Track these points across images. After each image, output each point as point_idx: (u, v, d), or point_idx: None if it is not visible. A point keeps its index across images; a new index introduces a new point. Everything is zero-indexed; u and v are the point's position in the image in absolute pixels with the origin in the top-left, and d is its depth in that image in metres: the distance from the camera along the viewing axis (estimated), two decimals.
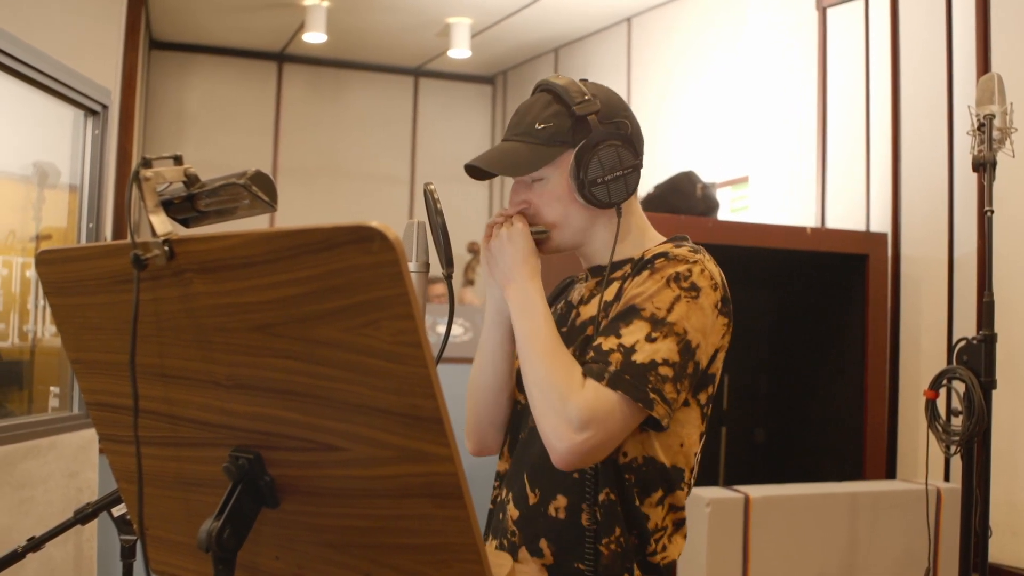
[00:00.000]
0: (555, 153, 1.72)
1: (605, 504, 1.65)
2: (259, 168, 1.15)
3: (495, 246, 1.73)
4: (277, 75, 9.15)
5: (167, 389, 1.19)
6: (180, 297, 1.12)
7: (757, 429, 4.28)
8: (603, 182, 1.70)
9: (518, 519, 1.73)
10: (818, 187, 4.52)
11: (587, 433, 1.53)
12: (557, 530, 1.68)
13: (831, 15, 4.54)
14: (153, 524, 1.31)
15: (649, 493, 1.67)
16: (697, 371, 1.63)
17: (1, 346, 3.46)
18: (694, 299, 1.62)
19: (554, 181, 1.73)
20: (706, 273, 1.65)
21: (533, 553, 1.69)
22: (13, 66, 2.76)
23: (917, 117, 4.07)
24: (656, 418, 1.57)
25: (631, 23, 7.34)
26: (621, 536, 1.64)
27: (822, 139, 4.53)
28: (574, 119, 1.72)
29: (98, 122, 3.28)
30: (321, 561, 1.15)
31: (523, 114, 1.76)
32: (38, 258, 1.30)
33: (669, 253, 1.67)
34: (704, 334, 1.63)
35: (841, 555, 3.27)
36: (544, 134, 1.72)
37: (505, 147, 1.75)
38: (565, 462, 1.56)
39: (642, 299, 1.62)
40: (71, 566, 2.97)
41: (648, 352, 1.57)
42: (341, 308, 0.98)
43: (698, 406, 1.70)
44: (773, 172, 4.87)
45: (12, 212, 3.47)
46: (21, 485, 2.73)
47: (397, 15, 7.68)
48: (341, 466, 1.07)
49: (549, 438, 1.57)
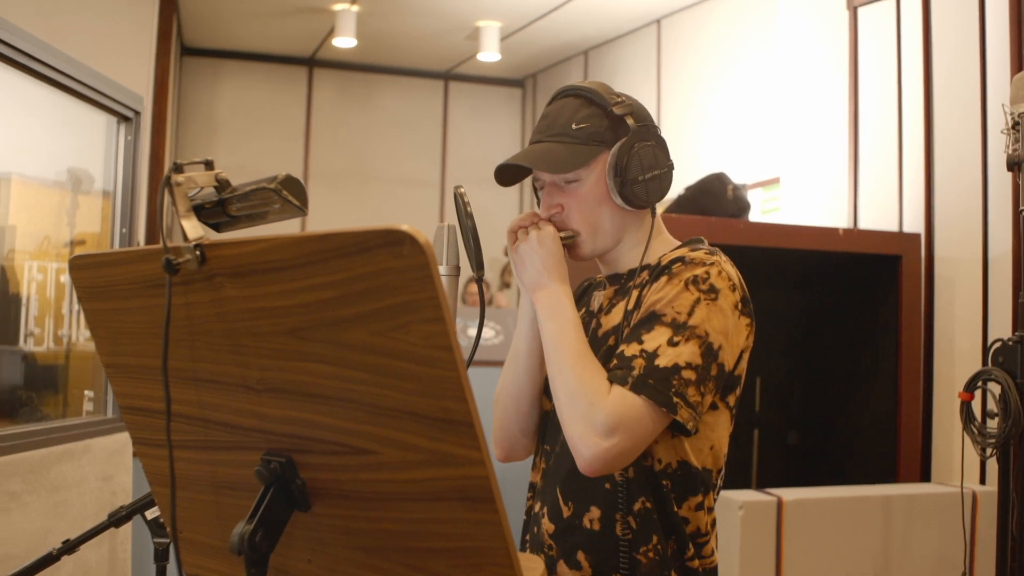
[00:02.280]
0: (594, 152, 1.71)
1: (641, 513, 1.64)
2: (289, 173, 1.16)
3: (524, 250, 1.72)
4: (307, 80, 9.19)
5: (199, 393, 1.20)
6: (212, 301, 1.12)
7: (790, 431, 4.25)
8: (643, 181, 1.70)
9: (554, 533, 1.72)
10: (850, 187, 4.48)
11: (614, 439, 1.53)
12: (593, 542, 1.68)
13: (862, 14, 4.50)
14: (186, 527, 1.32)
15: (687, 497, 1.66)
16: (722, 373, 1.62)
17: (36, 350, 3.50)
18: (713, 301, 1.61)
19: (590, 183, 1.72)
20: (724, 275, 1.65)
21: (571, 566, 1.69)
22: (48, 74, 2.79)
23: (950, 116, 4.04)
24: (681, 422, 1.56)
25: (660, 25, 7.32)
26: (659, 544, 1.64)
27: (854, 139, 4.50)
28: (611, 119, 1.71)
29: (131, 128, 3.31)
30: (352, 564, 1.15)
31: (554, 117, 1.75)
32: (71, 263, 1.30)
33: (686, 257, 1.66)
34: (726, 336, 1.62)
35: (875, 559, 3.25)
36: (582, 134, 1.71)
37: (542, 147, 1.73)
38: (591, 468, 1.56)
39: (662, 304, 1.61)
40: (105, 568, 2.99)
41: (671, 356, 1.56)
42: (371, 312, 0.98)
43: (727, 408, 1.69)
44: (805, 173, 4.84)
45: (47, 218, 3.51)
46: (56, 488, 2.75)
47: (426, 19, 7.70)
48: (372, 470, 1.07)
49: (576, 444, 1.57)
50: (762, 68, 6.03)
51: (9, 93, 3.04)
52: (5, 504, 2.53)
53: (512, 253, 1.75)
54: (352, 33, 7.62)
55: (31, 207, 3.56)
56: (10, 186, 3.50)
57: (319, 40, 8.42)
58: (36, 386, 3.54)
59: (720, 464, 1.71)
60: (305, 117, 9.18)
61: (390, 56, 8.96)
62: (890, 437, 3.91)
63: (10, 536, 2.54)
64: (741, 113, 6.27)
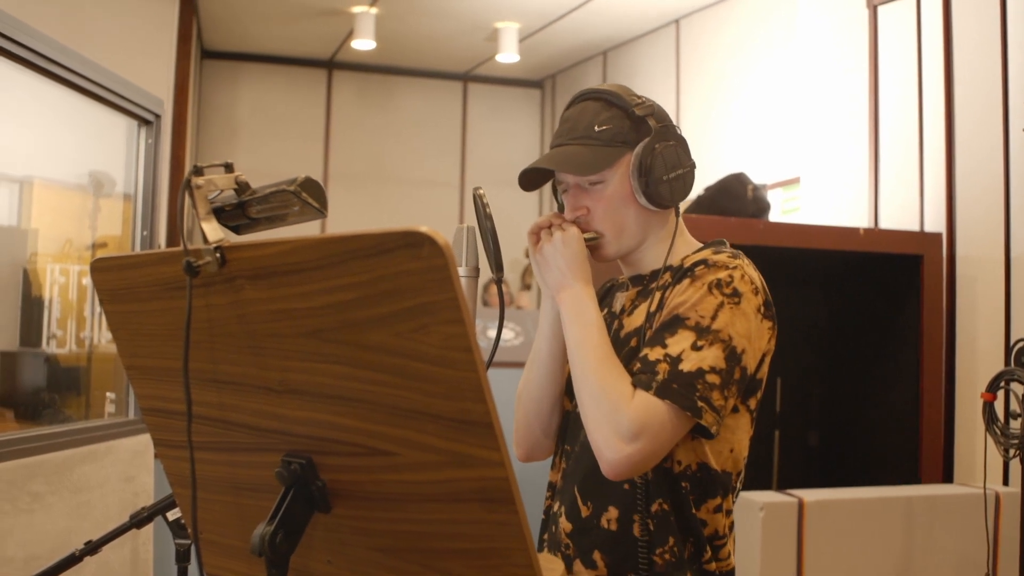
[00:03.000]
0: (618, 154, 1.71)
1: (658, 514, 1.64)
2: (309, 175, 1.16)
3: (548, 251, 1.72)
4: (327, 82, 9.22)
5: (220, 395, 1.20)
6: (232, 303, 1.13)
7: (811, 432, 4.23)
8: (667, 180, 1.70)
9: (571, 532, 1.72)
10: (871, 187, 4.46)
11: (638, 444, 1.53)
12: (610, 542, 1.67)
13: (882, 13, 4.48)
14: (207, 528, 1.33)
15: (706, 500, 1.66)
16: (745, 377, 1.62)
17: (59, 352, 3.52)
18: (737, 305, 1.61)
19: (614, 184, 1.72)
20: (746, 278, 1.64)
21: (587, 565, 1.69)
22: (70, 78, 2.81)
23: (971, 114, 4.01)
24: (705, 426, 1.56)
25: (679, 25, 7.31)
26: (675, 546, 1.64)
27: (874, 138, 4.48)
28: (632, 120, 1.71)
29: (151, 131, 3.32)
30: (372, 565, 1.15)
31: (575, 120, 1.74)
32: (93, 266, 1.31)
33: (708, 260, 1.66)
34: (749, 339, 1.62)
35: (897, 560, 3.23)
36: (605, 135, 1.71)
37: (565, 150, 1.73)
38: (615, 472, 1.56)
39: (685, 308, 1.61)
40: (127, 569, 3.01)
41: (695, 360, 1.56)
42: (391, 313, 0.99)
43: (748, 412, 1.69)
44: (825, 173, 4.82)
45: (69, 221, 3.53)
46: (79, 489, 2.77)
47: (445, 21, 7.71)
48: (392, 471, 1.07)
49: (600, 448, 1.57)
50: (782, 67, 6.02)
51: (32, 97, 3.06)
52: (28, 505, 2.55)
53: (535, 254, 1.75)
54: (371, 35, 7.64)
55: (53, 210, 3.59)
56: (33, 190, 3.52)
57: (338, 42, 8.45)
58: (59, 388, 3.56)
59: (740, 467, 1.71)
60: (324, 119, 9.21)
61: (409, 58, 8.98)
62: (912, 438, 3.89)
63: (33, 537, 2.56)
64: (761, 113, 6.25)
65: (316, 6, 7.46)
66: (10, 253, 3.42)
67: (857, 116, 4.58)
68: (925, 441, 3.86)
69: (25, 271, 3.46)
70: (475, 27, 7.83)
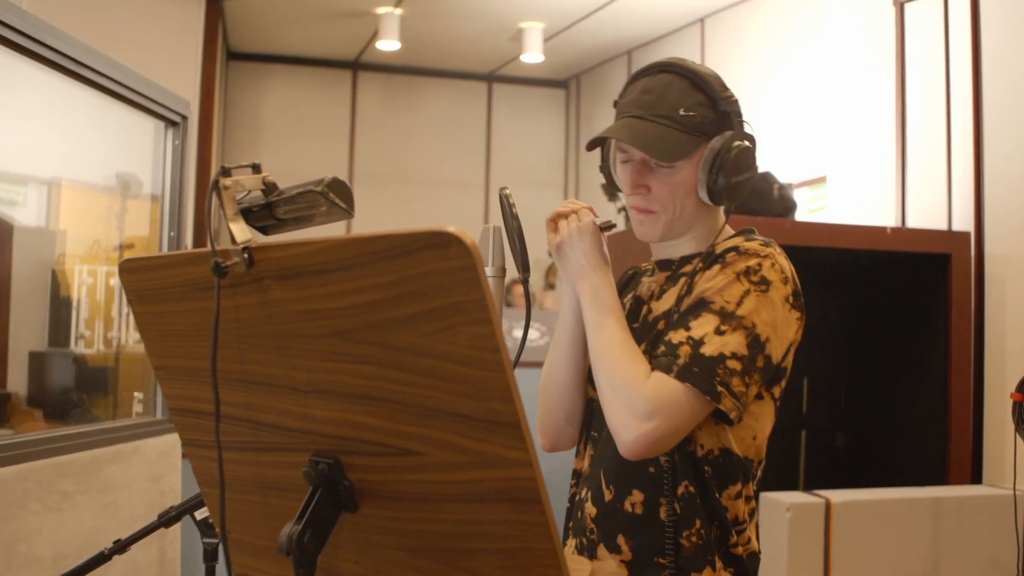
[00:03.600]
0: (697, 144, 1.68)
1: (684, 497, 1.64)
2: (336, 175, 1.16)
3: (564, 242, 1.72)
4: (352, 83, 9.25)
5: (248, 395, 1.20)
6: (259, 304, 1.13)
7: (838, 433, 4.21)
8: (734, 182, 1.68)
9: (596, 516, 1.72)
10: (898, 186, 4.44)
11: (653, 423, 1.53)
12: (635, 526, 1.67)
13: (909, 10, 4.45)
14: (235, 527, 1.33)
15: (727, 485, 1.66)
16: (769, 365, 1.61)
17: (87, 353, 3.54)
18: (764, 293, 1.60)
19: (684, 171, 1.69)
20: (776, 267, 1.64)
21: (611, 550, 1.69)
22: (97, 80, 2.83)
23: (1000, 111, 3.98)
24: (724, 411, 1.56)
25: (704, 23, 7.29)
26: (702, 528, 1.63)
27: (901, 136, 4.45)
28: (717, 113, 1.69)
29: (178, 133, 3.34)
30: (399, 565, 1.15)
31: (660, 94, 1.69)
32: (121, 267, 1.32)
33: (740, 247, 1.66)
34: (774, 328, 1.61)
35: (924, 562, 3.21)
36: (689, 122, 1.67)
37: (646, 127, 1.68)
38: (631, 451, 1.56)
39: (712, 292, 1.61)
40: (155, 568, 3.02)
41: (717, 345, 1.56)
42: (418, 313, 0.99)
43: (772, 400, 1.68)
44: (851, 171, 4.79)
45: (97, 222, 3.55)
46: (107, 489, 2.78)
47: (469, 21, 7.72)
48: (419, 471, 1.07)
49: (616, 427, 1.58)
50: (807, 66, 5.99)
51: (60, 100, 3.08)
52: (58, 504, 2.57)
53: (552, 244, 1.75)
54: (396, 36, 7.66)
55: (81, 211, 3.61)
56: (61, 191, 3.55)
57: (363, 43, 8.47)
58: (87, 388, 3.58)
59: (761, 455, 1.71)
60: (350, 120, 9.24)
61: (434, 58, 8.99)
62: (940, 438, 3.86)
63: (62, 535, 2.58)
64: (787, 112, 6.22)
65: (341, 7, 7.48)
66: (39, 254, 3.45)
67: (884, 114, 4.55)
68: (953, 442, 3.83)
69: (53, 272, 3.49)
70: (499, 27, 7.83)
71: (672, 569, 1.63)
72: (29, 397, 3.42)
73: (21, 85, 2.99)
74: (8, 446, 2.44)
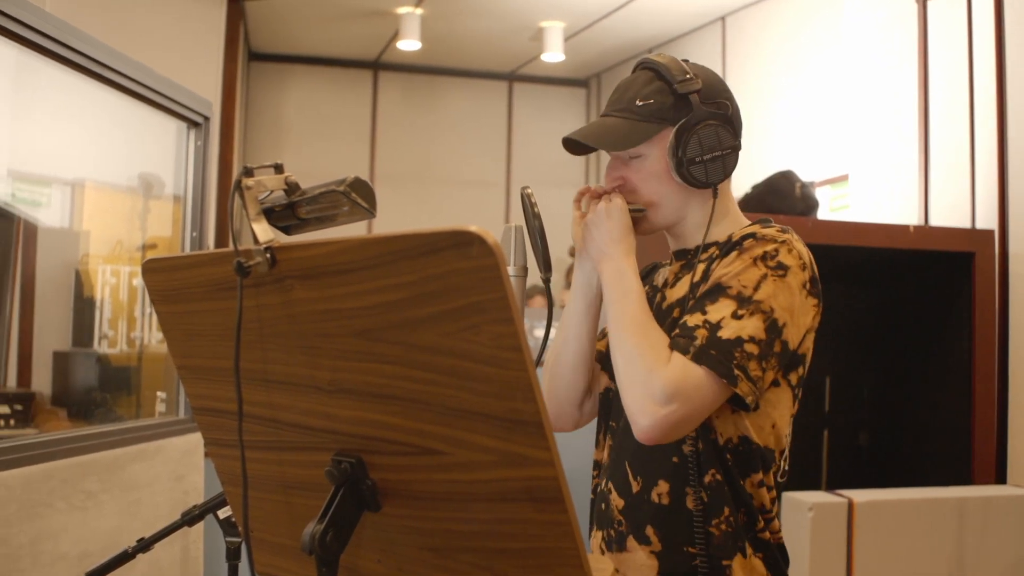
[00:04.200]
0: (654, 130, 1.70)
1: (712, 485, 1.63)
2: (358, 175, 1.16)
3: (592, 220, 1.72)
4: (372, 83, 9.27)
5: (270, 394, 1.21)
6: (282, 303, 1.13)
7: (860, 432, 4.19)
8: (701, 161, 1.69)
9: (623, 508, 1.72)
10: (921, 184, 4.41)
11: (671, 407, 1.52)
12: (662, 516, 1.67)
13: (932, 6, 4.43)
14: (257, 526, 1.34)
15: (748, 474, 1.65)
16: (785, 351, 1.61)
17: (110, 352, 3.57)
18: (781, 278, 1.60)
19: (652, 159, 1.72)
20: (794, 252, 1.63)
21: (640, 541, 1.68)
22: (120, 81, 2.84)
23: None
24: (740, 395, 1.55)
25: (725, 22, 7.27)
26: (730, 515, 1.63)
27: (924, 134, 4.42)
28: (675, 97, 1.70)
29: (200, 133, 3.35)
30: (422, 565, 1.15)
31: (623, 90, 1.75)
32: (144, 267, 1.33)
33: (757, 233, 1.66)
34: (791, 313, 1.60)
35: (949, 563, 3.19)
36: (645, 110, 1.71)
37: (605, 122, 1.73)
38: (647, 435, 1.55)
39: (728, 277, 1.60)
40: (178, 567, 3.04)
41: (734, 329, 1.55)
42: (440, 313, 0.99)
43: (789, 387, 1.67)
44: (874, 169, 4.76)
45: (120, 222, 3.58)
46: (130, 488, 2.80)
47: (490, 21, 7.72)
48: (442, 470, 1.07)
49: (632, 411, 1.57)
50: (829, 63, 5.96)
51: (83, 101, 3.10)
52: (82, 503, 2.58)
53: (576, 223, 1.75)
54: (416, 36, 7.67)
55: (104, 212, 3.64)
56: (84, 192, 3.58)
57: (384, 43, 8.48)
58: (110, 387, 3.61)
59: (782, 444, 1.70)
60: (371, 120, 9.26)
61: (454, 58, 9.00)
62: (964, 438, 3.84)
63: (86, 534, 2.59)
64: (808, 110, 6.19)
65: (361, 7, 7.50)
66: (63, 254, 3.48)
67: (906, 111, 4.53)
68: (977, 441, 3.81)
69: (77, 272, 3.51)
70: (520, 27, 7.83)
71: (703, 557, 1.63)
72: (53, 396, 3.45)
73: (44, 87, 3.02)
74: (33, 445, 2.45)
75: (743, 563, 1.63)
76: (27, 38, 2.41)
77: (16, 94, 3.06)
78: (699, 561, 1.63)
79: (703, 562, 1.63)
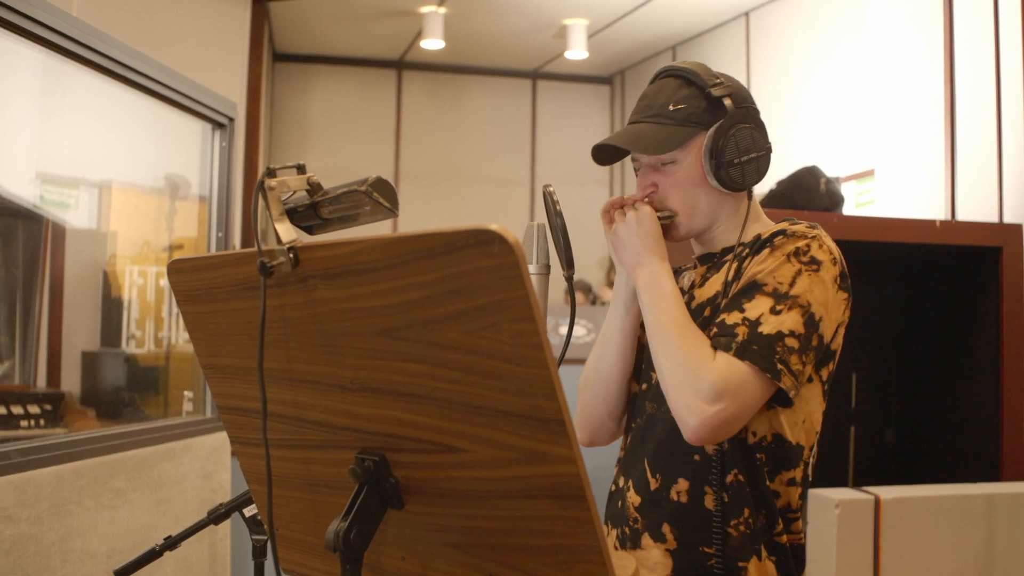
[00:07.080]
0: (690, 134, 1.70)
1: (733, 485, 1.63)
2: (380, 175, 1.17)
3: (622, 230, 1.73)
4: (396, 82, 9.29)
5: (294, 393, 1.22)
6: (306, 303, 1.14)
7: (887, 429, 4.17)
8: (739, 163, 1.69)
9: (640, 505, 1.72)
10: (947, 178, 4.38)
11: (720, 405, 1.53)
12: (680, 514, 1.67)
13: None
14: (282, 524, 1.35)
15: (780, 471, 1.65)
16: (821, 345, 1.61)
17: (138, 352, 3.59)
18: (815, 272, 1.61)
19: (686, 164, 1.72)
20: (825, 247, 1.64)
21: (656, 539, 1.68)
22: (145, 84, 2.86)
23: None
24: (784, 390, 1.55)
25: (749, 17, 7.24)
26: (750, 517, 1.63)
27: (950, 128, 4.39)
28: (708, 100, 1.71)
29: (225, 134, 3.37)
30: (445, 561, 1.16)
31: (652, 97, 1.75)
32: (169, 267, 1.34)
33: (787, 230, 1.66)
34: (826, 307, 1.61)
35: (977, 560, 3.17)
36: (679, 115, 1.71)
37: (639, 128, 1.73)
38: (697, 436, 1.55)
39: (763, 275, 1.61)
40: (206, 564, 3.06)
41: (774, 324, 1.56)
42: (462, 311, 0.99)
43: (820, 382, 1.68)
44: (900, 164, 4.74)
45: (146, 223, 3.60)
46: (158, 486, 2.82)
47: (513, 19, 7.72)
48: (464, 468, 1.08)
49: (680, 412, 1.56)
50: (854, 58, 5.93)
51: (109, 103, 3.13)
52: (111, 501, 2.60)
53: (608, 233, 1.75)
54: (440, 35, 7.68)
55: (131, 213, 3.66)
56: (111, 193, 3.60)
57: (407, 43, 8.50)
58: (138, 387, 3.64)
59: (812, 440, 1.69)
60: (395, 119, 9.28)
61: (478, 56, 9.01)
62: (992, 434, 3.81)
63: (116, 532, 2.62)
64: (833, 105, 6.16)
65: (385, 7, 7.51)
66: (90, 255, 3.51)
67: (932, 106, 4.50)
68: (1006, 438, 3.78)
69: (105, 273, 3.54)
70: (543, 24, 7.83)
71: (719, 558, 1.63)
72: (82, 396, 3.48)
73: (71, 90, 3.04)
74: (63, 444, 2.48)
75: (758, 566, 1.63)
76: (54, 43, 2.44)
77: (44, 97, 3.09)
78: (714, 561, 1.63)
79: (718, 563, 1.63)
